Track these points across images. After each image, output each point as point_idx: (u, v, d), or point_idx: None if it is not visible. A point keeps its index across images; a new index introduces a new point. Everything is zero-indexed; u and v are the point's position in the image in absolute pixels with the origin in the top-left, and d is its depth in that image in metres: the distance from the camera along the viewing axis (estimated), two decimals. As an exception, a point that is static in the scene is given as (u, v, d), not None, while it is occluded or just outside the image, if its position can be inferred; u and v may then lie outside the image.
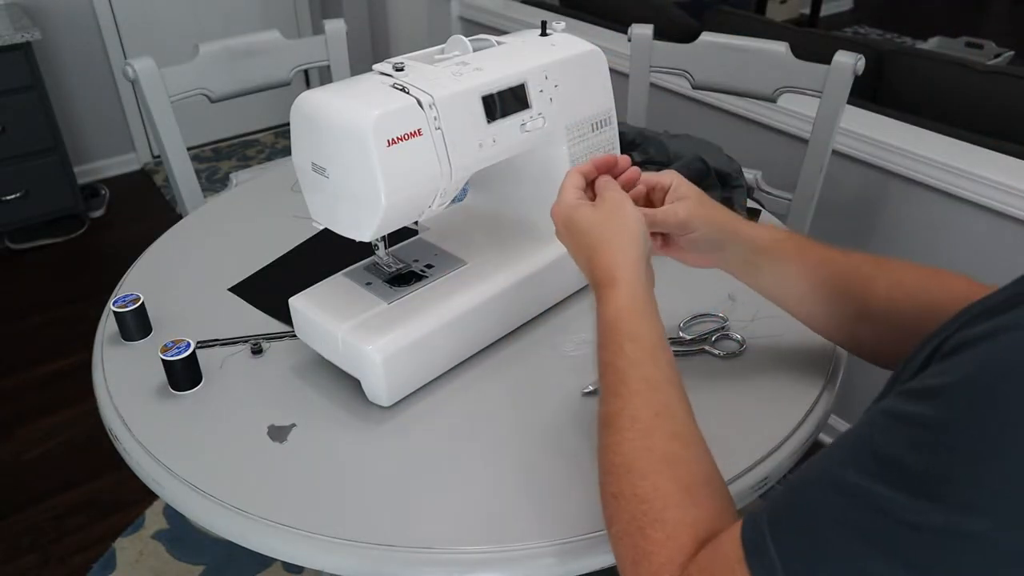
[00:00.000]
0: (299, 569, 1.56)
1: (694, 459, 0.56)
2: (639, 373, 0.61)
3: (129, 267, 1.08)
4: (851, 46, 1.55)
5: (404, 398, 0.82)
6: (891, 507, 0.39)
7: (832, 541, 0.42)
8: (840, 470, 0.43)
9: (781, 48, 1.40)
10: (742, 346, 0.88)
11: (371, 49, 3.31)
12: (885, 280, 0.73)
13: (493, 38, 0.89)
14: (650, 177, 0.77)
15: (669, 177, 0.76)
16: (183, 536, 1.66)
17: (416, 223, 0.97)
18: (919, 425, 0.40)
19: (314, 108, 0.74)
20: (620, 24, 1.84)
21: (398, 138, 0.72)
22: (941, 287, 0.72)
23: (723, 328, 0.91)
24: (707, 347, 0.88)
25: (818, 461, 0.45)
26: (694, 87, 1.53)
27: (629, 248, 0.69)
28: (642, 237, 0.70)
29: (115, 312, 0.91)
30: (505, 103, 0.81)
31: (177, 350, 0.83)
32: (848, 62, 1.31)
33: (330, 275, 0.88)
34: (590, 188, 0.76)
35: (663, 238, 0.79)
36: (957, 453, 0.38)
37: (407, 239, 0.95)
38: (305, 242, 1.11)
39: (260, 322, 0.95)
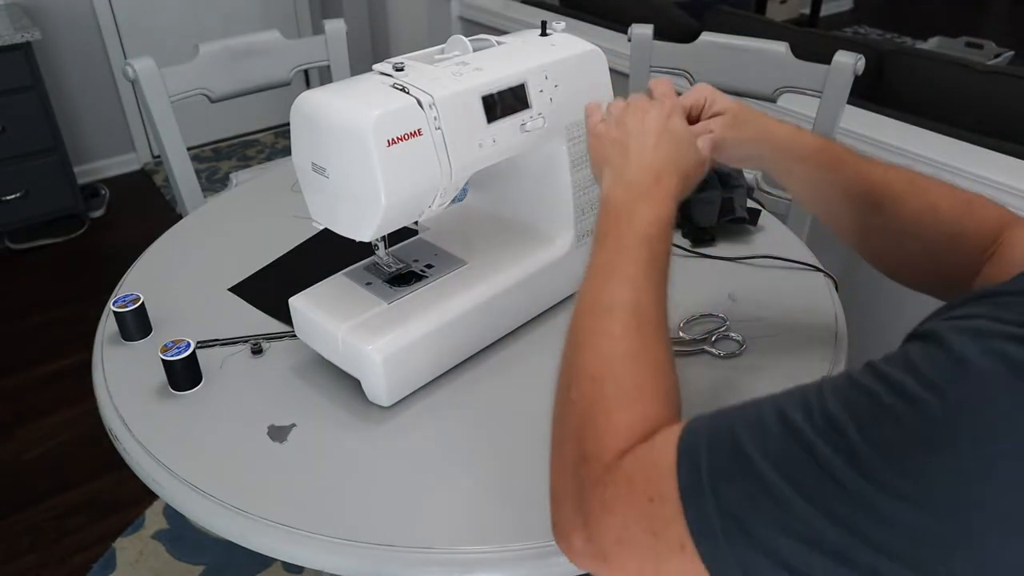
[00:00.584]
0: (299, 569, 1.56)
1: (672, 371, 0.57)
2: (662, 280, 0.61)
3: (129, 267, 1.08)
4: (851, 46, 1.55)
5: (404, 398, 0.82)
6: (825, 463, 0.39)
7: (763, 472, 0.41)
8: (792, 411, 0.42)
9: (781, 48, 1.40)
10: (742, 346, 0.88)
11: (371, 49, 3.31)
12: (918, 201, 0.73)
13: (493, 38, 0.89)
14: (686, 99, 0.78)
15: (703, 92, 0.78)
16: (183, 536, 1.66)
17: (416, 223, 0.97)
18: (871, 402, 0.39)
19: (314, 108, 0.74)
20: (620, 24, 1.84)
21: (398, 138, 0.72)
22: (973, 217, 0.72)
23: (723, 328, 0.91)
24: (707, 347, 0.88)
25: (772, 398, 0.45)
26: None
27: (691, 170, 0.70)
28: (694, 166, 0.71)
29: (115, 312, 0.91)
30: (505, 103, 0.81)
31: (177, 350, 0.83)
32: (848, 62, 1.31)
33: (330, 275, 0.88)
34: None
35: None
36: (897, 444, 0.37)
37: (407, 239, 0.95)
38: (305, 242, 1.11)
39: (260, 322, 0.95)
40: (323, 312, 0.82)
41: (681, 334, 0.90)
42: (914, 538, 0.36)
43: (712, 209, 1.07)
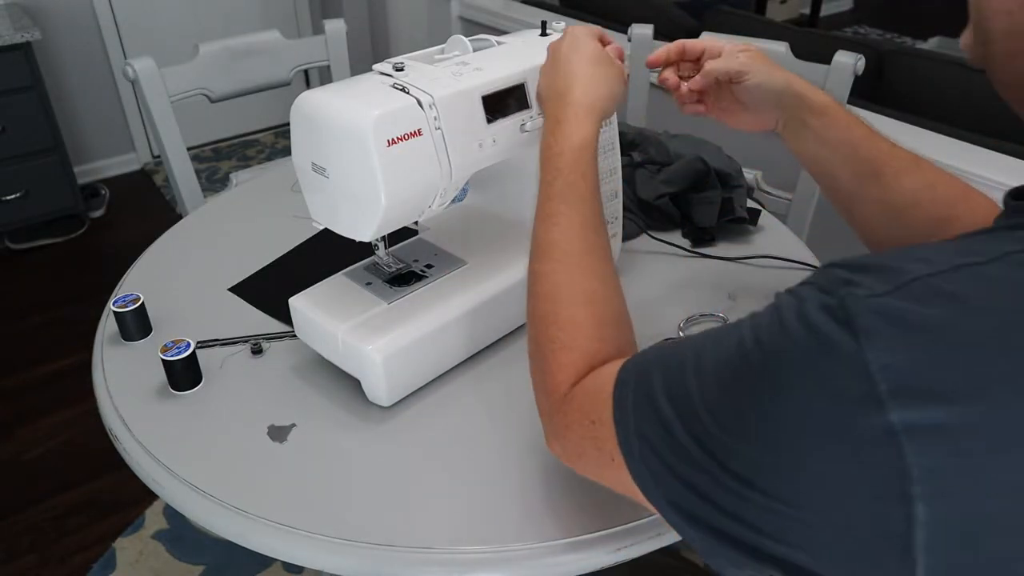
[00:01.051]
0: (299, 569, 1.56)
1: (610, 298, 0.64)
2: (584, 209, 0.66)
3: (129, 267, 1.08)
4: (851, 46, 1.55)
5: (404, 398, 0.82)
6: (697, 402, 0.45)
7: (660, 406, 0.47)
8: (691, 354, 0.48)
9: (781, 48, 1.40)
10: (742, 346, 0.88)
11: (371, 49, 3.31)
12: (918, 178, 0.75)
13: (493, 38, 0.89)
14: (713, 67, 0.82)
15: (722, 42, 0.83)
16: (183, 536, 1.66)
17: (416, 223, 0.97)
18: (735, 352, 0.44)
19: (314, 108, 0.74)
20: (620, 24, 1.84)
21: (398, 138, 0.72)
22: (968, 204, 0.74)
23: (723, 328, 0.91)
24: (707, 347, 0.88)
25: (691, 341, 0.50)
26: (694, 87, 1.53)
27: (615, 94, 0.74)
28: (618, 98, 0.76)
29: (115, 312, 0.91)
30: (505, 103, 0.81)
31: (177, 350, 0.83)
32: (848, 62, 1.31)
33: (330, 275, 0.88)
34: None
35: (717, 102, 0.84)
36: (733, 389, 0.43)
37: (407, 239, 0.95)
38: (305, 242, 1.11)
39: (260, 322, 0.95)
40: (323, 312, 0.82)
41: (681, 334, 0.90)
42: (743, 459, 0.42)
43: (712, 209, 1.07)
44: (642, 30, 1.53)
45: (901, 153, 0.76)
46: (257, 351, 0.90)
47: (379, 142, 0.70)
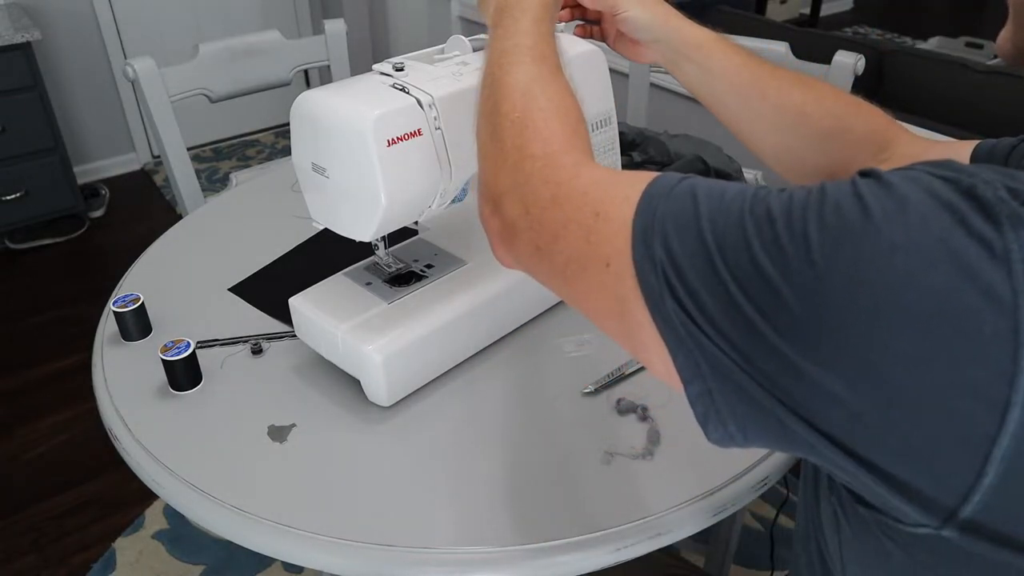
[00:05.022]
0: (299, 569, 1.56)
1: (577, 106, 0.60)
2: (547, 42, 0.65)
3: (129, 267, 1.08)
4: (851, 46, 1.55)
5: (404, 398, 0.82)
6: (751, 247, 0.40)
7: (708, 242, 0.42)
8: (751, 201, 0.42)
9: (781, 48, 1.40)
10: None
11: (371, 49, 3.31)
12: (804, 92, 0.78)
13: (493, 38, 0.89)
14: None
15: None
16: (183, 536, 1.66)
17: (416, 223, 0.97)
18: (805, 202, 0.40)
19: (314, 108, 0.74)
20: (620, 24, 1.83)
21: (398, 138, 0.72)
22: (860, 116, 0.78)
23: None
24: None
25: (737, 185, 0.46)
26: (694, 87, 1.53)
27: None
28: None
29: (115, 312, 0.91)
30: (505, 103, 0.81)
31: (177, 350, 0.83)
32: (848, 62, 1.31)
33: (330, 275, 0.88)
34: None
35: (615, 33, 0.86)
36: (815, 240, 0.38)
37: (407, 239, 0.95)
38: (305, 242, 1.11)
39: (260, 322, 0.95)
40: (323, 312, 0.82)
41: (681, 334, 0.90)
42: (803, 323, 0.38)
43: (712, 209, 1.07)
44: (642, 30, 1.53)
45: (785, 73, 0.80)
46: (257, 351, 0.90)
47: (379, 142, 0.70)
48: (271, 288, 1.01)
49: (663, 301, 0.43)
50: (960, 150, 0.72)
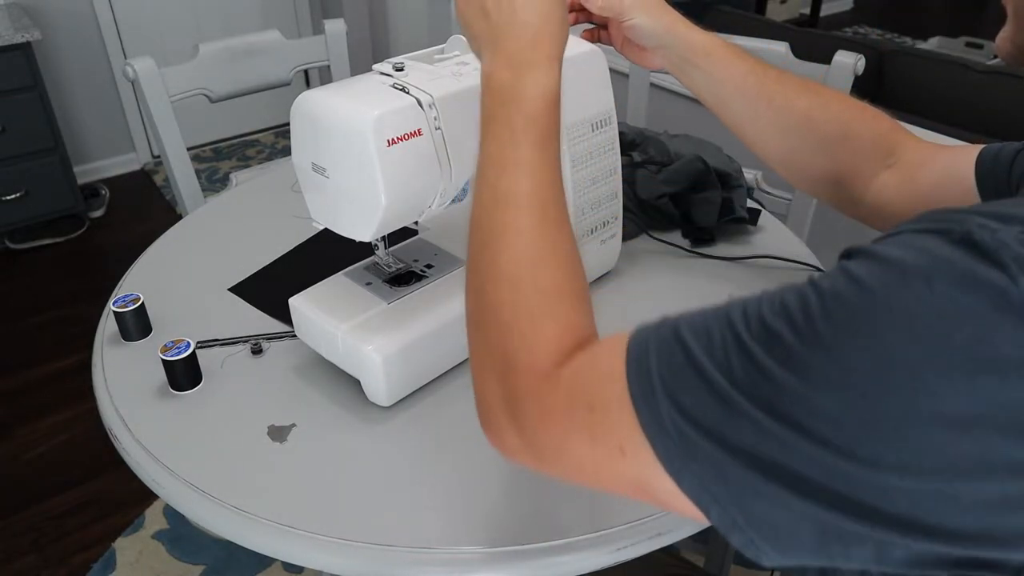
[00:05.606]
0: (299, 569, 1.56)
1: (581, 268, 0.57)
2: (557, 165, 0.58)
3: (129, 267, 1.08)
4: (851, 46, 1.55)
5: (404, 398, 0.82)
6: (762, 366, 0.39)
7: (711, 376, 0.41)
8: (735, 319, 0.42)
9: (781, 48, 1.40)
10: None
11: (371, 49, 3.31)
12: (809, 98, 0.78)
13: (493, 38, 0.89)
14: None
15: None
16: (183, 536, 1.66)
17: (416, 223, 0.97)
18: (802, 304, 0.40)
19: (314, 108, 0.74)
20: (620, 24, 1.84)
21: (398, 138, 0.72)
22: (865, 121, 0.78)
23: (723, 328, 0.91)
24: (707, 347, 0.88)
25: (715, 308, 0.45)
26: (694, 87, 1.53)
27: (562, 25, 0.64)
28: (562, 21, 0.64)
29: (115, 312, 0.91)
30: (505, 103, 0.81)
31: (177, 350, 0.83)
32: (848, 62, 1.31)
33: (330, 275, 0.88)
34: None
35: (621, 38, 0.85)
36: (826, 336, 0.38)
37: (407, 239, 0.95)
38: (305, 242, 1.11)
39: (260, 322, 0.95)
40: (323, 312, 0.82)
41: (681, 334, 0.90)
42: (840, 422, 0.37)
43: (712, 209, 1.07)
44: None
45: (791, 79, 0.80)
46: (257, 351, 0.90)
47: (379, 142, 0.70)
48: (271, 288, 1.01)
49: (689, 462, 0.42)
50: (965, 154, 0.72)
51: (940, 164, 0.74)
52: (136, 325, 0.92)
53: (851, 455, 0.36)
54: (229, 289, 1.02)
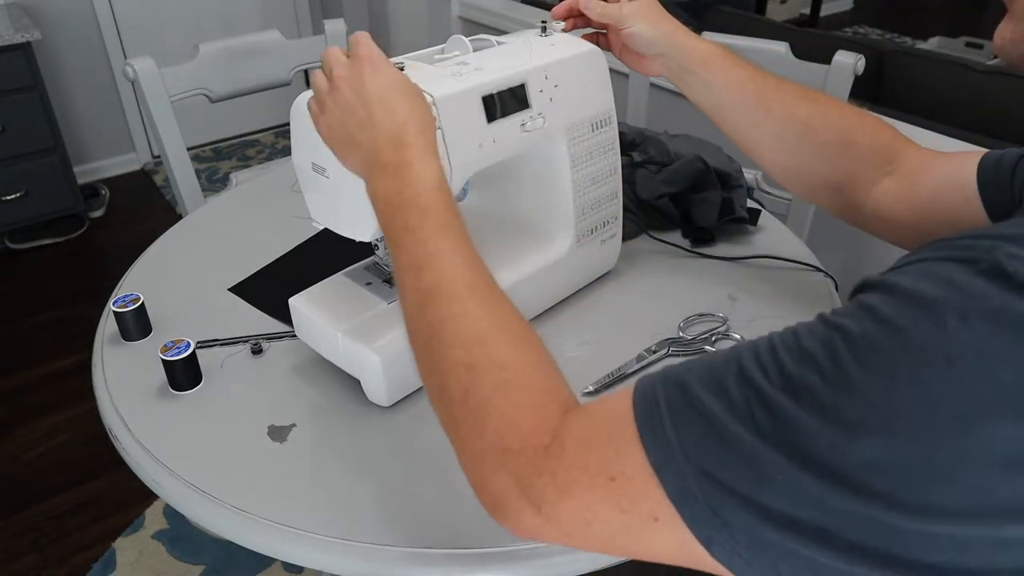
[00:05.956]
0: (299, 569, 1.56)
1: (536, 338, 0.54)
2: (470, 247, 0.57)
3: (129, 267, 1.08)
4: (851, 46, 1.55)
5: (404, 398, 0.82)
6: (790, 418, 0.38)
7: (733, 431, 0.39)
8: (750, 369, 0.41)
9: (781, 48, 1.40)
10: (742, 346, 0.88)
11: (371, 49, 3.30)
12: (807, 107, 0.79)
13: (493, 38, 0.89)
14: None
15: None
16: (183, 536, 1.66)
17: (416, 223, 0.97)
18: (828, 350, 0.38)
19: (314, 108, 0.74)
20: (620, 24, 1.84)
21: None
22: (864, 129, 0.78)
23: (723, 328, 0.91)
24: (707, 347, 0.88)
25: (723, 358, 0.43)
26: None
27: (426, 114, 0.64)
28: (425, 110, 0.65)
29: (115, 312, 0.91)
30: (505, 103, 0.81)
31: (177, 350, 0.83)
32: (848, 62, 1.31)
33: (330, 275, 0.88)
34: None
35: (620, 45, 0.86)
36: (860, 381, 0.36)
37: (407, 239, 0.95)
38: (305, 242, 1.11)
39: (260, 322, 0.95)
40: (323, 312, 0.82)
41: (681, 334, 0.90)
42: (884, 471, 0.35)
43: (712, 209, 1.07)
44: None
45: (790, 86, 0.80)
46: (257, 351, 0.90)
47: (379, 142, 0.70)
48: (271, 288, 1.01)
49: (717, 530, 0.40)
50: (965, 161, 0.72)
51: (940, 171, 0.74)
52: (136, 325, 0.92)
53: (895, 503, 0.35)
54: (229, 289, 1.02)
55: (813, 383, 0.37)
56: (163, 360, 0.82)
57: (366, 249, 0.86)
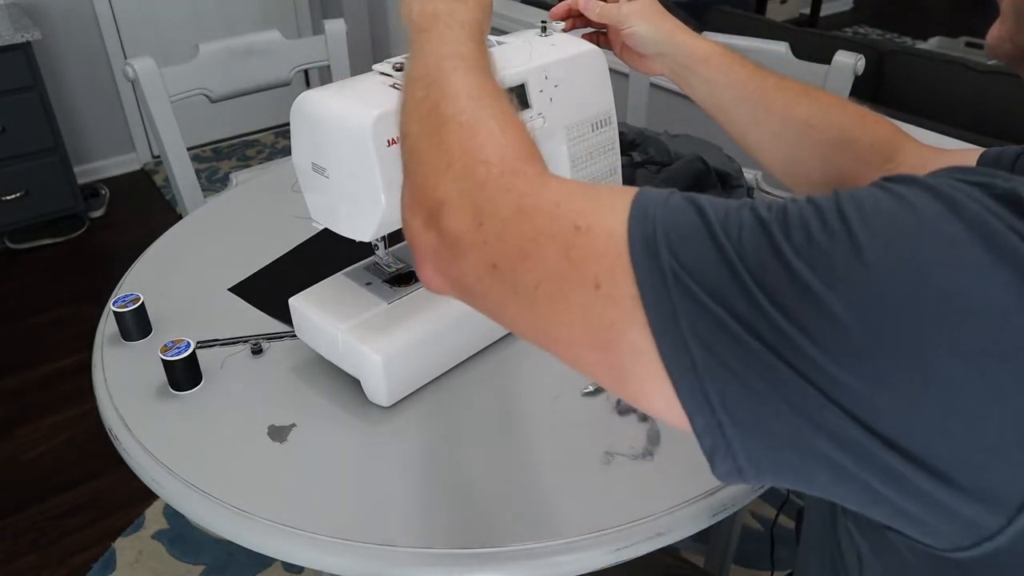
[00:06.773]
0: (299, 569, 1.56)
1: (531, 136, 0.53)
2: (490, 65, 0.57)
3: (129, 267, 1.08)
4: (851, 46, 1.55)
5: (404, 398, 0.82)
6: (780, 250, 0.36)
7: (729, 254, 0.37)
8: (762, 210, 0.39)
9: (781, 48, 1.40)
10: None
11: (371, 49, 3.31)
12: (808, 105, 0.78)
13: (493, 38, 0.89)
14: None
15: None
16: (183, 536, 1.66)
17: (416, 223, 0.97)
18: (818, 215, 0.37)
19: (314, 108, 0.74)
20: (620, 24, 1.84)
21: (398, 138, 0.72)
22: (866, 127, 0.77)
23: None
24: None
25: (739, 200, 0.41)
26: (694, 87, 1.53)
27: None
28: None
29: (115, 312, 0.91)
30: (505, 103, 0.81)
31: (177, 350, 0.83)
32: (848, 62, 1.31)
33: (330, 275, 0.88)
34: None
35: (620, 45, 0.86)
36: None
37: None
38: (305, 242, 1.11)
39: (260, 322, 0.95)
40: (323, 312, 0.82)
41: (681, 334, 0.90)
42: (848, 330, 0.34)
43: (712, 209, 1.07)
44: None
45: (791, 85, 0.80)
46: (257, 351, 0.90)
47: (379, 142, 0.70)
48: (271, 288, 1.01)
49: (675, 321, 0.37)
50: (965, 158, 0.72)
51: (942, 166, 0.74)
52: (136, 325, 0.92)
53: (854, 369, 0.34)
54: (229, 289, 1.02)
55: (812, 227, 0.36)
56: (163, 360, 0.82)
57: (366, 249, 0.86)
